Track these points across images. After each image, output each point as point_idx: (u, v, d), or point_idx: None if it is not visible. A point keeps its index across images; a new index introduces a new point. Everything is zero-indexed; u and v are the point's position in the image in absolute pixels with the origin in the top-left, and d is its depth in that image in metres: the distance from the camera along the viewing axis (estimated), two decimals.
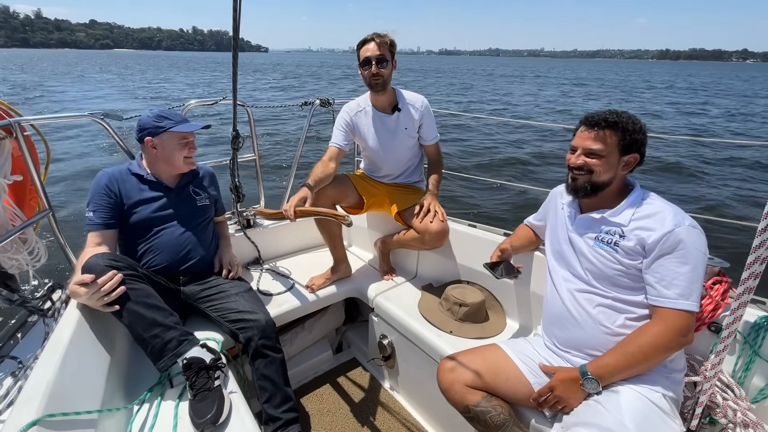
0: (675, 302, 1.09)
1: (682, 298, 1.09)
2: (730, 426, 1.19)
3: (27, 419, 0.90)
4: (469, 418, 1.24)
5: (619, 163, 1.20)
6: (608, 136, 1.18)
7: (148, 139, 1.56)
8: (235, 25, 1.44)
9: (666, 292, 1.11)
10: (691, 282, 1.09)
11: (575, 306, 1.26)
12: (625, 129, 1.17)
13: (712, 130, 13.00)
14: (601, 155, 1.19)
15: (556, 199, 1.46)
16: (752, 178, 7.40)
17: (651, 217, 1.16)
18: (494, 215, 5.52)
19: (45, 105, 15.48)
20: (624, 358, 1.11)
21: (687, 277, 1.09)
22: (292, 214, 1.62)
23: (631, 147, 1.18)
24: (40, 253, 1.86)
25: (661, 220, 1.13)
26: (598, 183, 1.21)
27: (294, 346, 2.09)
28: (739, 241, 4.46)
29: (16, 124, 1.54)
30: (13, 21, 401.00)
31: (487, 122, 12.16)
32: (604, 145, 1.18)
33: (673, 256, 1.10)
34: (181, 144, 1.60)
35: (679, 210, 1.16)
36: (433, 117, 2.04)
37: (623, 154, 1.19)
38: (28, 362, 1.39)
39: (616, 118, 1.18)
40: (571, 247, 1.32)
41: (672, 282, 1.10)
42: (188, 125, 1.61)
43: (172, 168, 1.64)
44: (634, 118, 1.20)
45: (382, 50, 1.82)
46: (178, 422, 1.22)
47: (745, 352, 1.25)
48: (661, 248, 1.11)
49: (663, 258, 1.11)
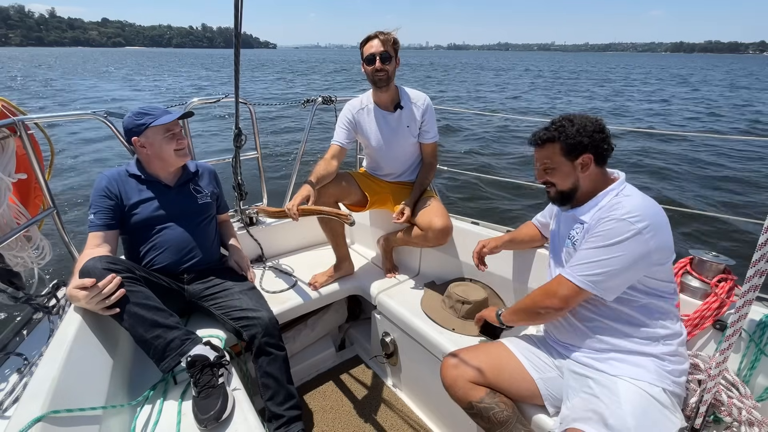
0: (565, 271, 1.17)
1: (574, 270, 1.14)
2: (735, 424, 1.18)
3: (32, 415, 0.91)
4: (473, 414, 1.24)
5: (575, 168, 1.20)
6: (549, 149, 1.22)
7: (135, 139, 1.55)
8: (236, 23, 1.44)
9: (567, 266, 1.18)
10: (595, 267, 1.10)
11: None
12: (562, 137, 1.18)
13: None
14: (552, 167, 1.23)
15: None
16: (759, 173, 7.33)
17: (607, 207, 1.15)
18: (498, 212, 5.50)
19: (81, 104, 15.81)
20: (519, 304, 1.32)
21: (592, 260, 1.11)
22: (295, 213, 1.63)
23: (577, 149, 1.18)
24: (44, 251, 1.88)
25: (611, 209, 1.12)
26: (565, 192, 1.24)
27: (297, 343, 2.09)
28: (744, 239, 4.43)
29: (20, 122, 1.55)
30: (28, 20, 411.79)
31: (491, 119, 12.10)
32: (548, 159, 1.23)
33: (592, 240, 1.13)
34: (167, 137, 1.56)
35: (643, 207, 1.09)
36: (435, 116, 2.03)
37: (573, 159, 1.19)
38: (33, 359, 1.40)
39: (547, 133, 1.21)
40: (557, 246, 1.36)
41: (576, 259, 1.15)
42: (168, 116, 1.56)
43: (166, 164, 1.61)
44: (576, 120, 1.19)
45: (386, 47, 1.81)
46: (182, 419, 1.23)
47: (750, 350, 1.24)
48: (589, 231, 1.15)
49: (584, 240, 1.16)
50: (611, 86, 27.41)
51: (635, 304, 1.15)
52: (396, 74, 1.91)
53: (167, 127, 1.56)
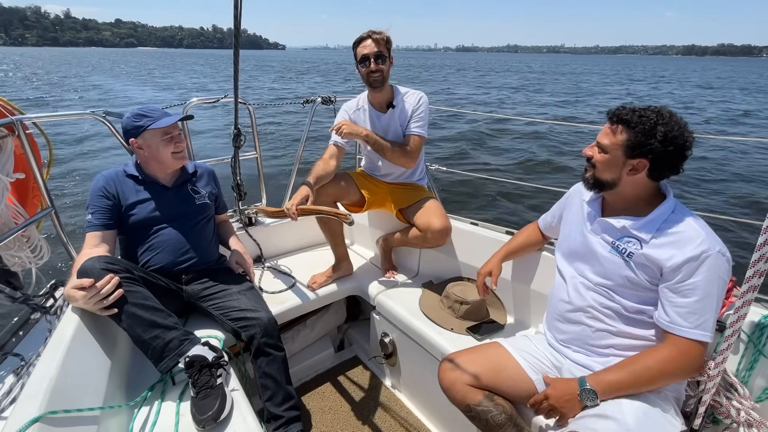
0: (689, 332, 1.04)
1: (698, 328, 1.04)
2: (734, 425, 1.18)
3: (30, 416, 0.90)
4: (471, 417, 1.24)
5: (625, 165, 1.11)
6: (618, 132, 1.10)
7: (133, 140, 1.55)
8: (236, 24, 1.44)
9: (680, 320, 1.05)
10: (708, 312, 1.04)
11: (581, 303, 1.24)
12: (636, 129, 1.07)
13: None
14: (606, 151, 1.13)
15: (575, 197, 1.40)
16: (757, 176, 7.35)
17: (676, 236, 1.08)
18: (497, 213, 5.51)
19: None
20: (629, 376, 1.08)
21: (705, 307, 1.03)
22: (294, 212, 1.62)
23: (637, 150, 1.07)
24: (42, 250, 1.87)
25: (687, 242, 1.05)
26: (600, 180, 1.16)
27: (296, 344, 2.09)
28: (743, 240, 4.44)
29: (18, 122, 1.55)
30: (44, 21, 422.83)
31: (493, 119, 12.10)
32: (610, 140, 1.12)
33: (693, 283, 1.04)
34: (165, 140, 1.55)
35: (710, 232, 1.07)
36: (427, 113, 1.96)
37: (628, 157, 1.09)
38: (31, 359, 1.40)
39: (630, 115, 1.08)
40: (585, 246, 1.27)
41: (689, 310, 1.04)
42: (167, 119, 1.54)
43: (163, 166, 1.61)
44: (667, 120, 1.05)
45: (380, 47, 1.80)
46: (180, 419, 1.22)
47: (749, 351, 1.23)
48: (683, 273, 1.04)
49: (683, 284, 1.05)
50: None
51: (645, 314, 1.15)
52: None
53: (165, 130, 1.55)
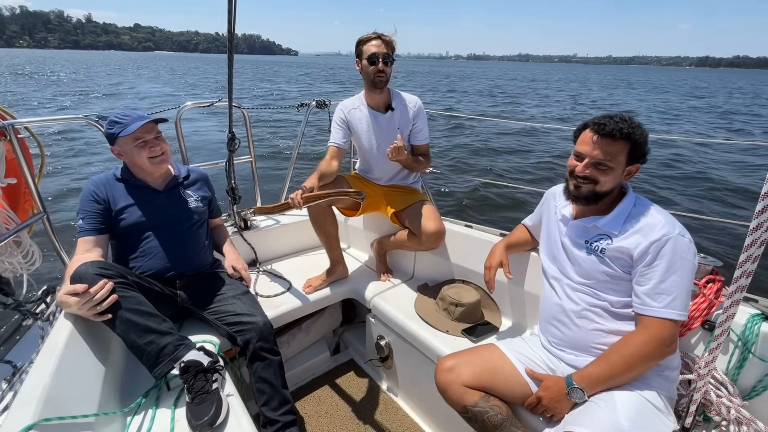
0: (659, 311, 1.09)
1: (668, 307, 1.08)
2: (724, 423, 1.20)
3: (23, 423, 0.89)
4: (467, 418, 1.25)
5: (624, 173, 1.17)
6: (619, 146, 1.13)
7: (112, 148, 1.53)
8: (230, 27, 1.45)
9: (650, 301, 1.10)
10: (677, 291, 1.08)
11: (570, 305, 1.27)
12: (636, 141, 1.13)
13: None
14: (610, 166, 1.14)
15: (550, 201, 1.46)
16: (744, 176, 7.47)
17: (640, 225, 1.15)
18: (489, 215, 5.54)
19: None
20: (608, 367, 1.11)
21: (673, 286, 1.08)
22: (299, 201, 1.62)
23: (638, 157, 1.16)
24: (34, 256, 1.85)
25: (650, 228, 1.13)
26: (601, 193, 1.19)
27: (291, 347, 2.08)
28: (731, 241, 4.51)
29: (9, 126, 1.54)
30: (66, 24, 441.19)
31: (485, 123, 12.18)
32: (613, 157, 1.13)
33: (659, 264, 1.10)
34: (138, 146, 1.50)
35: (670, 217, 1.15)
36: (426, 118, 2.04)
37: (629, 165, 1.17)
38: (24, 366, 1.38)
39: (629, 129, 1.11)
40: (563, 250, 1.33)
41: (657, 291, 1.10)
42: (134, 125, 1.46)
43: (145, 172, 1.58)
44: (640, 125, 1.15)
45: (388, 49, 1.83)
46: (175, 425, 1.22)
47: (738, 350, 1.26)
48: (650, 256, 1.11)
49: (649, 267, 1.11)
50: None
51: (632, 308, 1.17)
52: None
53: (135, 135, 1.48)
